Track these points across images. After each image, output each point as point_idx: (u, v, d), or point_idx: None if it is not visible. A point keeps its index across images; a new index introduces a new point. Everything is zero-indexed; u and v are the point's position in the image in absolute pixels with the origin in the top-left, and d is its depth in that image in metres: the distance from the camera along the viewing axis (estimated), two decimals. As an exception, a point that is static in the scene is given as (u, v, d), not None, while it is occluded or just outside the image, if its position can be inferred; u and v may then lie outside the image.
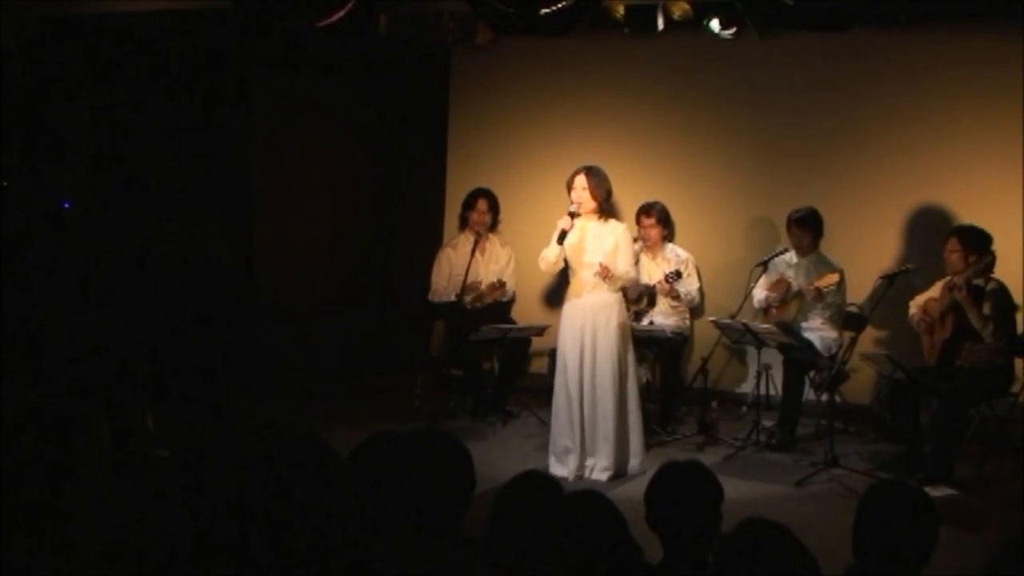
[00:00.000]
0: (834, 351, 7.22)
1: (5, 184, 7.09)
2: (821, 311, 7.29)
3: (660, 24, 7.42)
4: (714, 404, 7.45)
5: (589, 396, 6.42)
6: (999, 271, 6.65)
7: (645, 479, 3.38)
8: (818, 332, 7.29)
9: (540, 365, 8.51)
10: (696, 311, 8.04)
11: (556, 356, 6.67)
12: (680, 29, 7.51)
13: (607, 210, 6.59)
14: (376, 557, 2.52)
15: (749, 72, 8.21)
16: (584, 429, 6.42)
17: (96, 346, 7.28)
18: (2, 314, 6.94)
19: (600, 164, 6.63)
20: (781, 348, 7.17)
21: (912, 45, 7.72)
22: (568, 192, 6.50)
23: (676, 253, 7.84)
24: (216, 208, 8.19)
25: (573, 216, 6.46)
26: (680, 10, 7.29)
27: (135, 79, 7.69)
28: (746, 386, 8.05)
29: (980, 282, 6.56)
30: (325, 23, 6.50)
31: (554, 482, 3.22)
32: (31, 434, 2.62)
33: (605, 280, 6.38)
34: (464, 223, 8.24)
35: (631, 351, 6.56)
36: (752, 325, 7.05)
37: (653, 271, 7.71)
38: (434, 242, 8.74)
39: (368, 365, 9.28)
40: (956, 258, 6.60)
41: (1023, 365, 6.88)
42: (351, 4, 6.24)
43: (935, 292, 6.84)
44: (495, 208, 8.19)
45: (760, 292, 7.50)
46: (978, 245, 6.60)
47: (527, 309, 8.54)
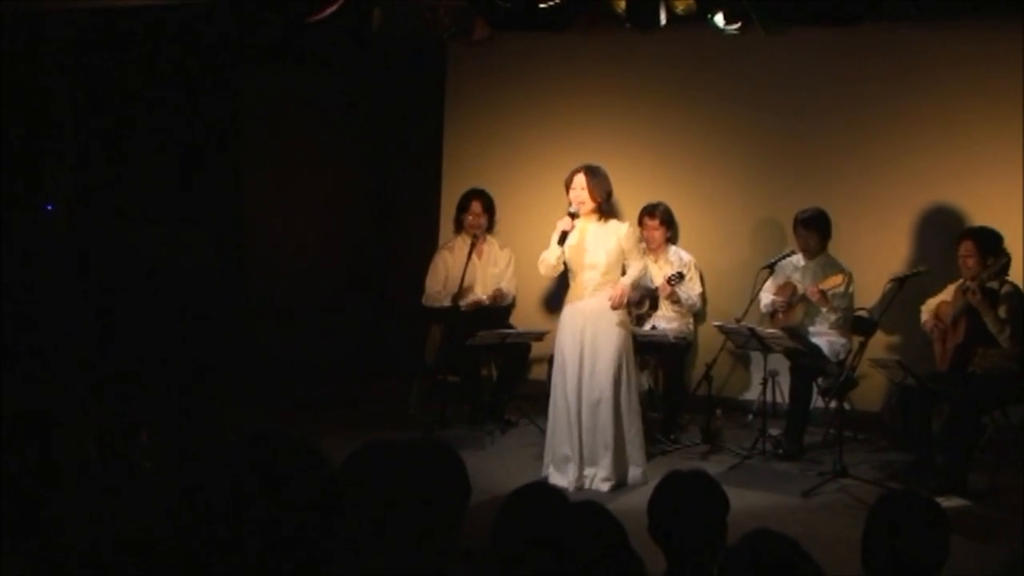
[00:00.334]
0: (843, 357, 7.22)
1: None
2: (829, 315, 7.29)
3: (663, 19, 7.42)
4: (719, 412, 7.46)
5: (588, 403, 6.40)
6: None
7: (648, 489, 3.38)
8: (826, 337, 7.29)
9: (540, 371, 8.49)
10: (700, 315, 8.04)
11: (555, 362, 6.65)
12: (683, 24, 7.50)
13: (607, 211, 6.58)
14: (370, 570, 2.52)
15: (755, 69, 8.22)
16: (583, 438, 6.40)
17: (81, 353, 7.28)
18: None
19: (601, 163, 6.62)
20: (788, 354, 7.17)
21: (923, 41, 7.73)
22: (567, 192, 6.51)
23: (680, 256, 7.84)
24: (205, 210, 8.19)
25: (573, 217, 6.46)
26: (683, 4, 7.29)
27: (121, 77, 7.69)
28: (752, 393, 8.05)
29: (994, 285, 6.56)
30: (317, 18, 6.51)
31: (559, 494, 3.22)
32: (10, 444, 2.62)
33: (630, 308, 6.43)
34: (459, 226, 8.24)
35: (632, 356, 6.55)
36: (758, 330, 7.04)
37: (656, 274, 7.71)
38: (430, 244, 8.73)
39: (361, 371, 9.27)
40: (973, 262, 6.58)
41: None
42: (343, -2, 6.25)
43: (947, 295, 6.84)
44: (490, 210, 8.18)
45: (766, 296, 7.51)
46: (993, 246, 6.60)
47: (526, 313, 8.54)
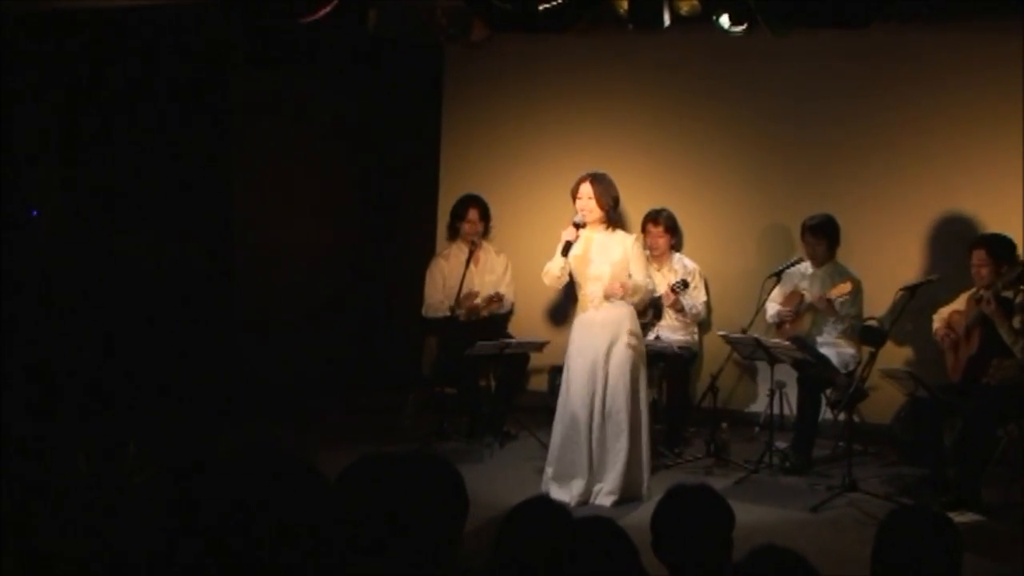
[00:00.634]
0: (852, 367, 7.23)
1: None
2: (837, 325, 7.29)
3: (666, 20, 7.43)
4: (724, 424, 7.45)
5: (600, 416, 6.39)
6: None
7: (651, 504, 3.38)
8: (835, 347, 7.29)
9: (539, 382, 8.51)
10: (705, 325, 8.05)
11: (561, 374, 6.64)
12: (687, 25, 7.51)
13: (614, 219, 6.59)
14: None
15: (761, 72, 8.24)
16: (593, 452, 6.40)
17: (67, 364, 7.28)
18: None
19: (603, 169, 6.64)
20: (796, 364, 7.18)
21: (934, 45, 7.75)
22: (573, 201, 6.51)
23: (684, 264, 7.86)
24: (193, 217, 8.19)
25: (578, 227, 6.46)
26: (687, 5, 7.31)
27: (108, 79, 7.69)
28: (758, 405, 8.06)
29: (1009, 294, 6.56)
30: (311, 19, 6.51)
31: (562, 509, 3.22)
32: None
33: (623, 299, 6.38)
34: (454, 233, 8.25)
35: (643, 367, 6.56)
36: (765, 340, 7.05)
37: (660, 282, 7.70)
38: (426, 252, 8.74)
39: (355, 383, 9.27)
40: (987, 271, 6.59)
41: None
42: (338, -1, 6.26)
43: (960, 304, 6.85)
44: (486, 216, 8.20)
45: (773, 305, 7.51)
46: (1007, 254, 6.62)
47: (525, 323, 8.54)
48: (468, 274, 7.90)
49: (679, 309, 7.67)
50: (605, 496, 6.40)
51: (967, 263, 6.73)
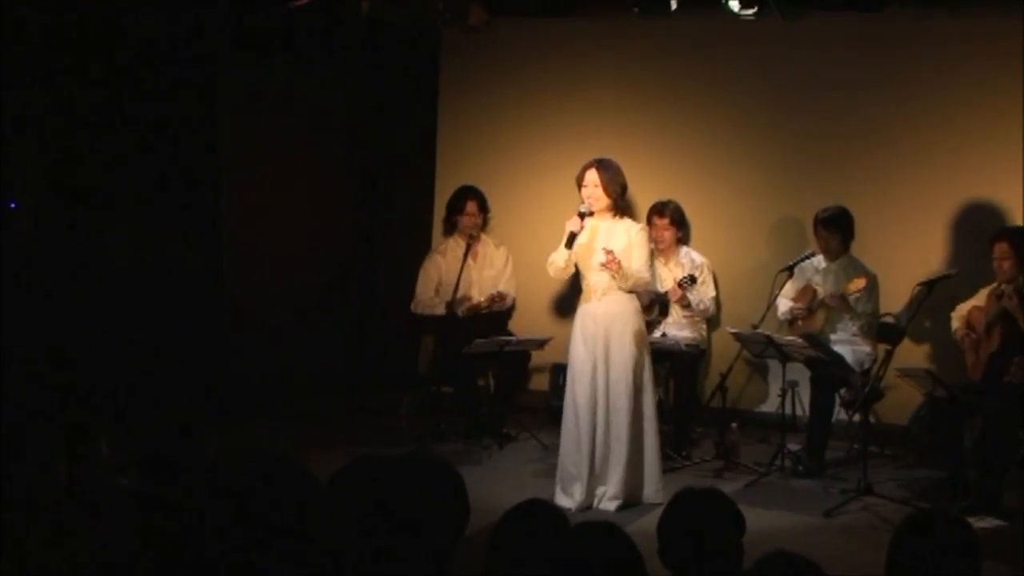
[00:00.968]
0: (867, 366, 7.23)
1: None
2: (852, 321, 7.29)
3: (673, 3, 7.44)
4: (734, 425, 7.45)
5: (602, 415, 6.39)
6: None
7: (658, 509, 3.38)
8: (850, 345, 7.30)
9: (540, 381, 8.51)
10: (713, 322, 8.05)
11: (567, 370, 6.63)
12: (695, 9, 7.54)
13: (622, 207, 6.58)
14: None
15: (772, 58, 8.23)
16: (595, 453, 6.39)
17: (47, 362, 7.28)
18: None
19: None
20: (808, 363, 7.18)
21: (953, 30, 7.73)
22: (578, 189, 6.50)
23: (691, 258, 7.85)
24: (179, 211, 8.18)
25: (583, 216, 6.45)
26: (696, -13, 7.33)
27: (91, 70, 7.68)
28: (769, 405, 8.06)
29: (1032, 289, 6.58)
30: (300, 3, 6.52)
31: (559, 513, 3.21)
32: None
33: (614, 274, 6.33)
34: (451, 227, 8.23)
35: (648, 364, 6.55)
36: (776, 337, 7.05)
37: (666, 277, 7.72)
38: (422, 246, 8.74)
39: (349, 383, 9.27)
40: (1009, 265, 6.60)
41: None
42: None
43: (980, 300, 6.85)
44: (485, 208, 8.19)
45: (785, 301, 7.51)
46: (1031, 247, 6.64)
47: (525, 319, 8.54)
48: (466, 269, 7.90)
49: (686, 305, 7.66)
50: (608, 501, 6.39)
51: (988, 256, 6.74)
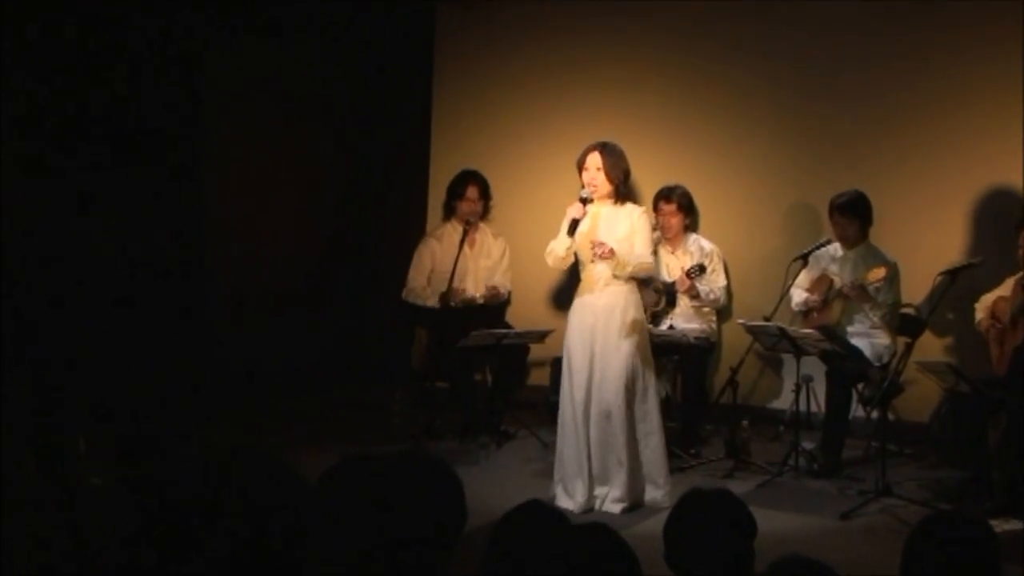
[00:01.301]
0: (886, 360, 7.23)
1: None
2: (871, 313, 7.28)
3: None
4: (745, 423, 7.45)
5: (597, 412, 6.38)
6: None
7: (666, 512, 3.37)
8: (868, 338, 7.29)
9: (540, 376, 8.51)
10: (724, 313, 8.05)
11: (562, 364, 6.63)
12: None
13: (624, 193, 6.56)
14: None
15: (785, 35, 8.22)
16: (592, 452, 6.39)
17: (18, 358, 7.27)
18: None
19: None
20: (824, 356, 7.18)
21: (978, 8, 7.71)
22: (579, 173, 6.49)
23: (700, 245, 7.84)
24: (161, 197, 8.17)
25: (585, 202, 6.44)
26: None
27: (73, 54, 7.67)
28: (783, 401, 8.07)
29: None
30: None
31: (559, 515, 3.21)
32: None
33: (608, 262, 6.31)
34: (450, 212, 8.24)
35: (649, 359, 6.54)
36: (790, 329, 7.04)
37: (673, 266, 7.71)
38: (415, 235, 8.73)
39: (340, 377, 9.28)
40: (1036, 253, 6.62)
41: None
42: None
43: (1005, 291, 6.85)
44: (486, 195, 8.19)
45: (799, 291, 7.50)
46: (1059, 234, 6.64)
47: (524, 311, 8.55)
48: (461, 257, 7.91)
49: (694, 296, 7.64)
50: (612, 503, 6.38)
51: (1014, 244, 6.74)
